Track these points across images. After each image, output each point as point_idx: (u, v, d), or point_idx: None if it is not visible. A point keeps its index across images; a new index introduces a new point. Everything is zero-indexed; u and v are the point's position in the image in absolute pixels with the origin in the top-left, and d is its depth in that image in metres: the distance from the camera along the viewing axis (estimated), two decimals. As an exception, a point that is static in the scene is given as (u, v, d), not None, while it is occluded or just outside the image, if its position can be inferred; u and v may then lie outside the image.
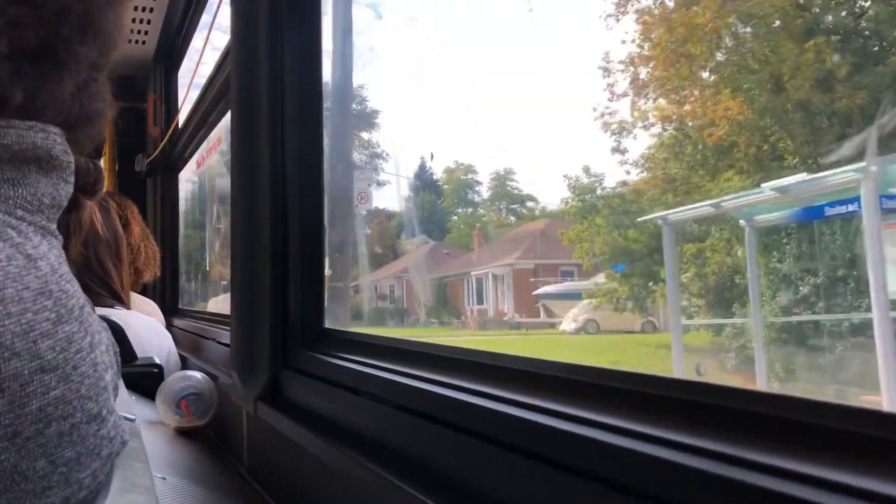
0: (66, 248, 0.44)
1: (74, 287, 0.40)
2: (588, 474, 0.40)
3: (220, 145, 2.20)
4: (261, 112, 0.93)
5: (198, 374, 1.22)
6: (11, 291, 0.34)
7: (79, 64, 0.42)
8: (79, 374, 0.36)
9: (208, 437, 1.23)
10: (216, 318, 1.73)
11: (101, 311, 0.44)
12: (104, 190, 0.53)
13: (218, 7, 1.48)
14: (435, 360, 0.68)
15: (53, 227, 0.42)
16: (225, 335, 1.33)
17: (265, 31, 0.93)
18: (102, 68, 0.45)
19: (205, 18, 2.03)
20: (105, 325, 0.49)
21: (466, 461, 0.53)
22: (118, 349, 0.54)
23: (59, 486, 0.34)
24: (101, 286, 1.51)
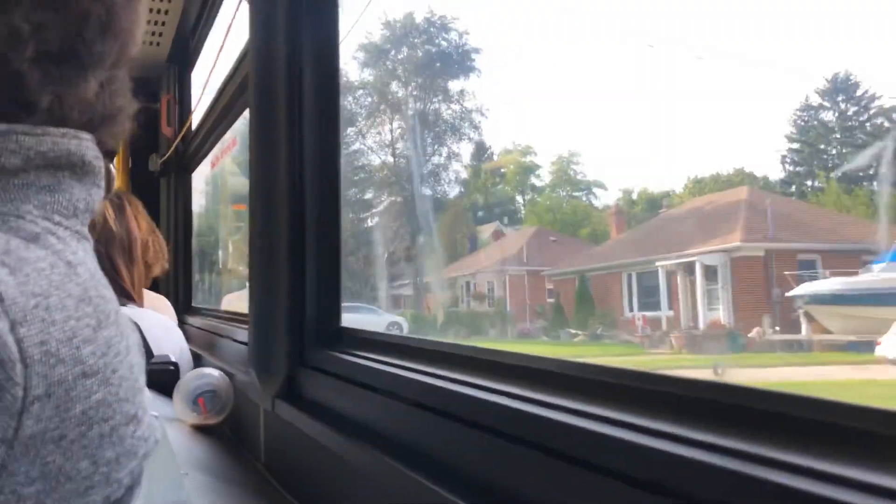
0: None
1: (109, 292, 0.41)
2: (607, 471, 0.41)
3: (235, 146, 2.21)
4: (279, 112, 0.94)
5: (215, 372, 1.23)
6: (55, 300, 0.35)
7: (102, 63, 0.43)
8: (118, 378, 0.37)
9: (225, 433, 1.25)
10: (232, 317, 1.75)
11: None
12: (115, 188, 0.54)
13: (237, 8, 1.49)
14: (450, 358, 0.69)
15: (86, 231, 0.43)
16: (241, 333, 1.35)
17: (283, 31, 0.94)
18: (122, 66, 0.46)
19: (219, 19, 2.04)
20: (133, 325, 0.50)
21: (482, 457, 0.54)
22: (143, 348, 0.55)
23: (101, 485, 0.35)
24: (112, 285, 1.52)
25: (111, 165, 0.53)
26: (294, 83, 0.93)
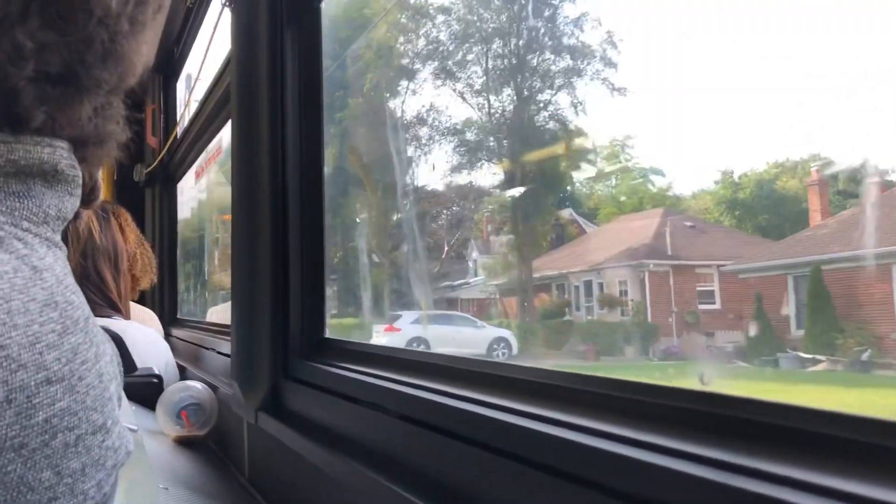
0: None
1: (79, 298, 0.40)
2: (589, 483, 0.40)
3: (220, 155, 2.20)
4: (262, 121, 0.93)
5: (198, 385, 1.22)
6: (18, 303, 0.34)
7: (98, 88, 0.43)
8: (84, 385, 0.36)
9: (209, 447, 1.23)
10: (216, 329, 1.73)
11: (99, 321, 0.45)
12: (101, 199, 0.53)
13: (219, 16, 1.49)
14: (435, 370, 0.68)
15: (58, 238, 0.43)
16: (225, 345, 1.33)
17: (265, 40, 0.94)
18: (119, 93, 0.46)
19: (204, 28, 2.03)
20: (108, 335, 0.49)
21: (467, 470, 0.53)
22: (120, 359, 0.54)
23: (65, 496, 0.34)
24: (99, 297, 1.51)
25: (97, 175, 0.52)
26: (276, 91, 0.92)
